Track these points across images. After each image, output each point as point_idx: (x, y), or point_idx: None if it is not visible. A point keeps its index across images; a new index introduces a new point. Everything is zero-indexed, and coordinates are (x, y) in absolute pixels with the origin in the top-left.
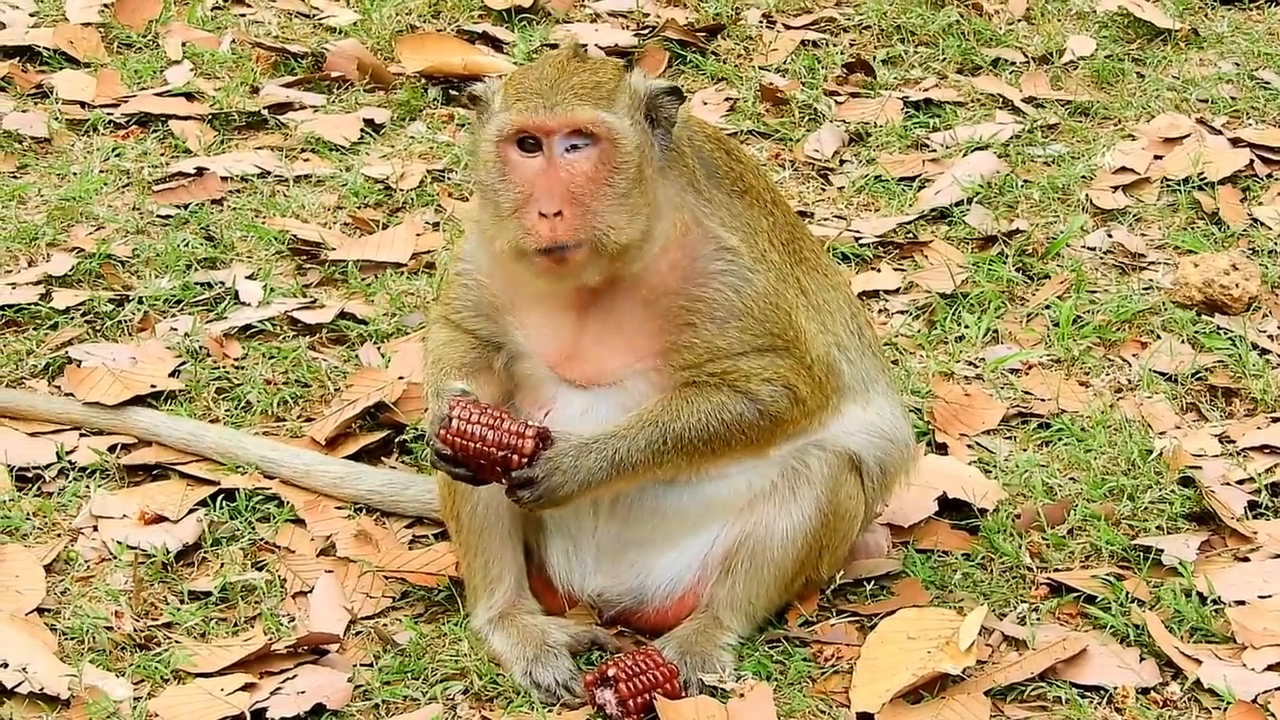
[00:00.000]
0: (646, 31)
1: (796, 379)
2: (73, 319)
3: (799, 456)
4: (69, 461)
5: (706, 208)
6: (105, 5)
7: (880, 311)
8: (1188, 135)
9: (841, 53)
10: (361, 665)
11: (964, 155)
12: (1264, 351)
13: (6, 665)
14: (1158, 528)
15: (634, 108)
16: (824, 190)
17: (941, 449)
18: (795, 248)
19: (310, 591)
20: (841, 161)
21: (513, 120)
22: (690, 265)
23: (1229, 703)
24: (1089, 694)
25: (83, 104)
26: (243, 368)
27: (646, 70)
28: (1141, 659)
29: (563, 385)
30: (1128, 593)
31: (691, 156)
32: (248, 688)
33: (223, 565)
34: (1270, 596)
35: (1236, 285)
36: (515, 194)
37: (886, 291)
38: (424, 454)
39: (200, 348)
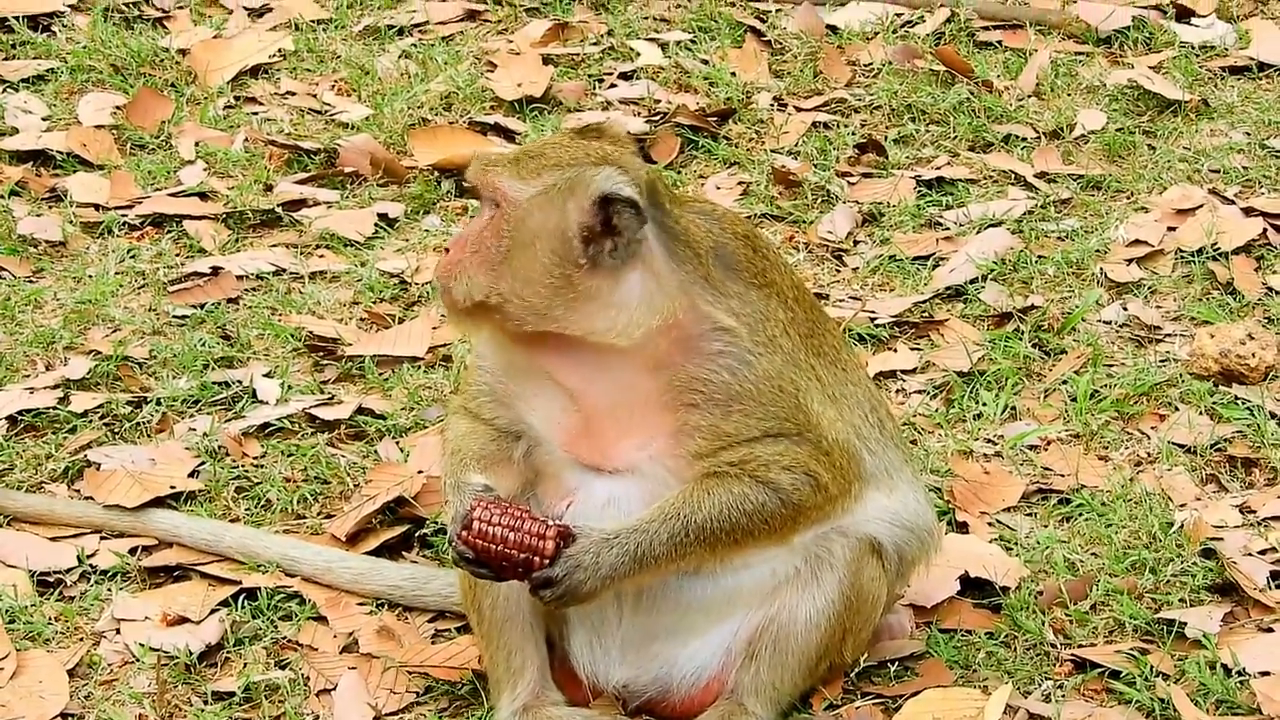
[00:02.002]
0: (658, 118)
1: (817, 465)
2: (91, 422)
3: (821, 542)
4: (90, 565)
5: (712, 295)
6: (118, 107)
7: (898, 391)
8: (1200, 206)
9: (853, 133)
10: None
11: (977, 232)
12: None
13: None
14: (1180, 600)
15: (564, 195)
16: (839, 271)
17: (962, 527)
18: (815, 342)
19: (334, 689)
20: (855, 242)
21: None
22: (689, 343)
23: None
24: None
25: (97, 206)
26: (262, 466)
27: (653, 159)
28: None
29: (583, 473)
30: (1152, 667)
31: (709, 255)
32: None
33: (246, 665)
34: None
35: (1253, 355)
36: None
37: (903, 371)
38: (444, 549)
39: (219, 447)
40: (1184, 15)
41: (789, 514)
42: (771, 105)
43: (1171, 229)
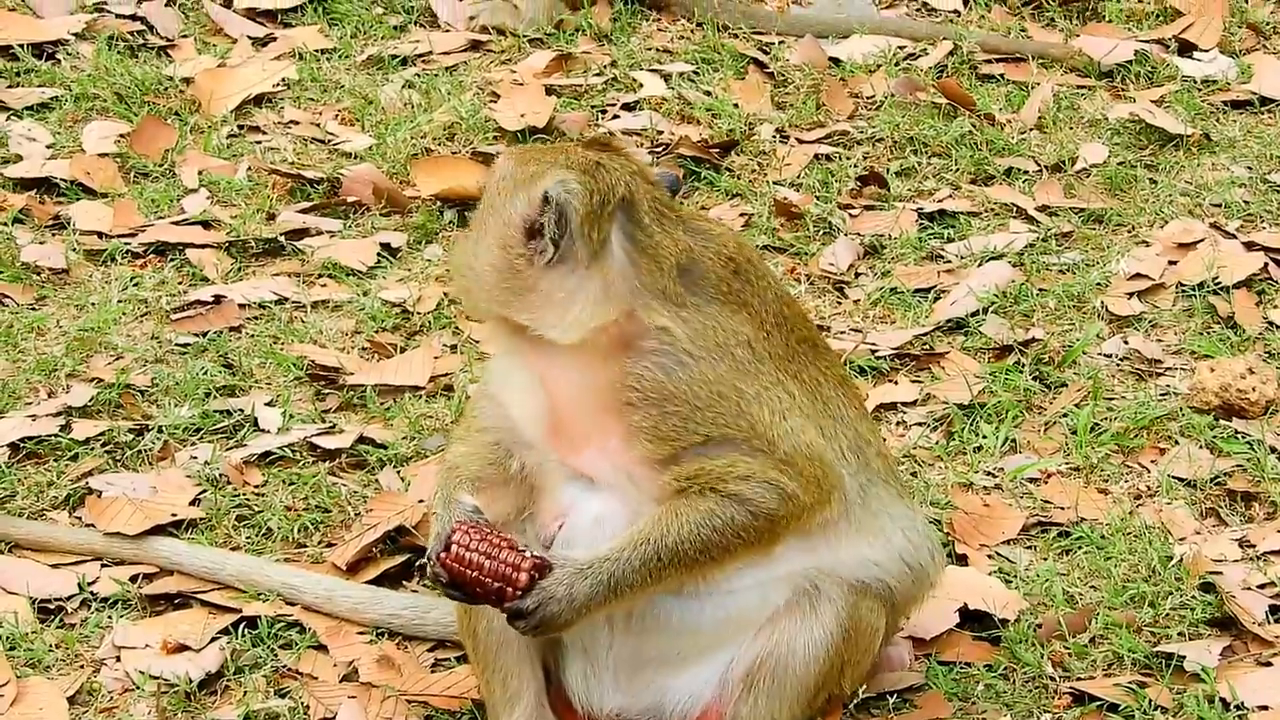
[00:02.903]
0: (661, 149)
1: (778, 474)
2: (93, 449)
3: (815, 577)
4: (91, 592)
5: (659, 304)
6: (121, 135)
7: (898, 423)
8: (1202, 240)
9: (855, 166)
10: None
11: (979, 265)
12: None
13: None
14: (1180, 634)
15: (523, 187)
16: (840, 304)
17: (962, 560)
18: (793, 367)
19: (334, 718)
20: (857, 274)
21: None
22: (627, 341)
23: None
24: None
25: (100, 234)
26: (263, 494)
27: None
28: None
29: (574, 490)
30: (1151, 700)
31: (673, 268)
32: None
33: (246, 693)
34: None
35: (1254, 389)
36: None
37: (904, 404)
38: (428, 564)
39: (220, 475)
40: (1186, 49)
41: (762, 525)
42: (774, 137)
43: (1173, 263)
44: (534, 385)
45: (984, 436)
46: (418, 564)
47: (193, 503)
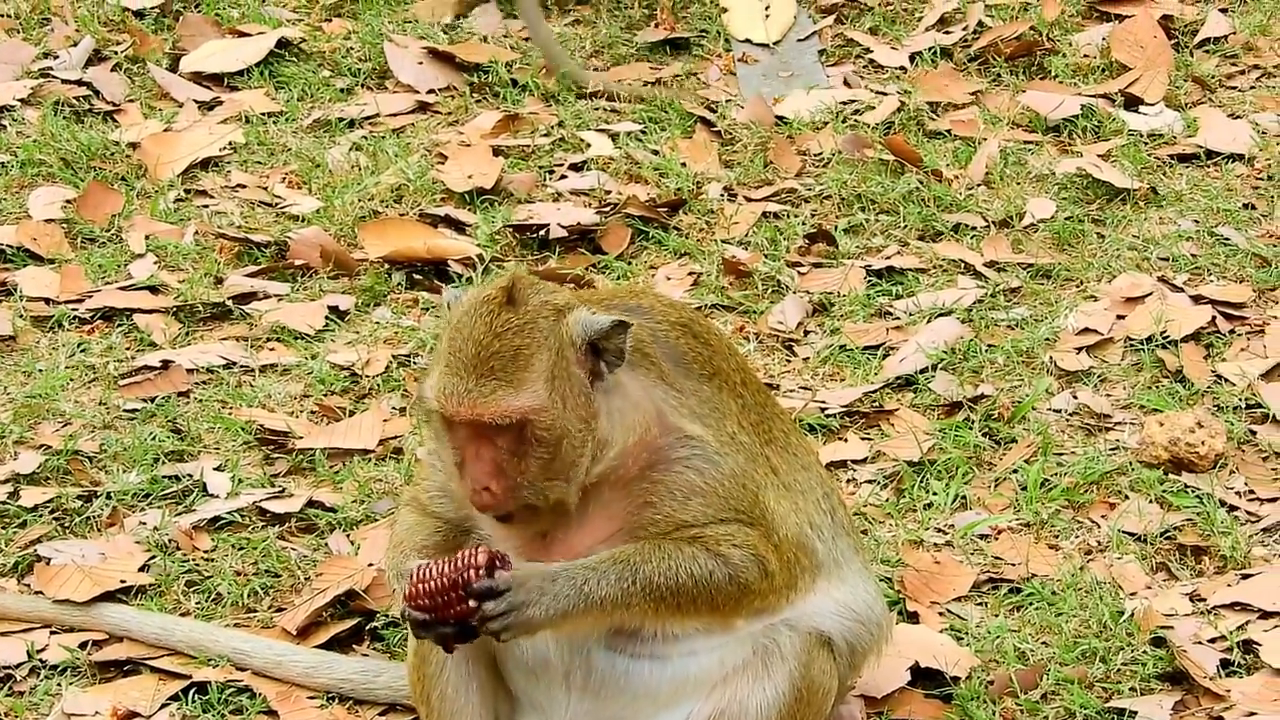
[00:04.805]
0: (609, 209)
1: (766, 551)
2: (41, 516)
3: (770, 634)
4: (40, 660)
5: (675, 399)
6: (68, 201)
7: (849, 481)
8: (1149, 294)
9: (803, 223)
10: None
11: (927, 322)
12: (1232, 508)
13: None
14: (1131, 689)
15: (559, 361)
16: (789, 361)
17: (913, 617)
18: (765, 428)
19: None
20: (806, 332)
21: (433, 400)
22: (653, 458)
23: None
24: None
25: (47, 300)
26: (212, 560)
27: (604, 250)
28: None
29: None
30: None
31: (657, 352)
32: None
33: None
34: None
35: (1202, 443)
36: (452, 458)
37: (854, 461)
38: (395, 643)
39: (169, 541)
40: (1132, 104)
41: (733, 591)
42: (722, 195)
43: (1121, 317)
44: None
45: (934, 493)
46: (369, 627)
47: (142, 568)
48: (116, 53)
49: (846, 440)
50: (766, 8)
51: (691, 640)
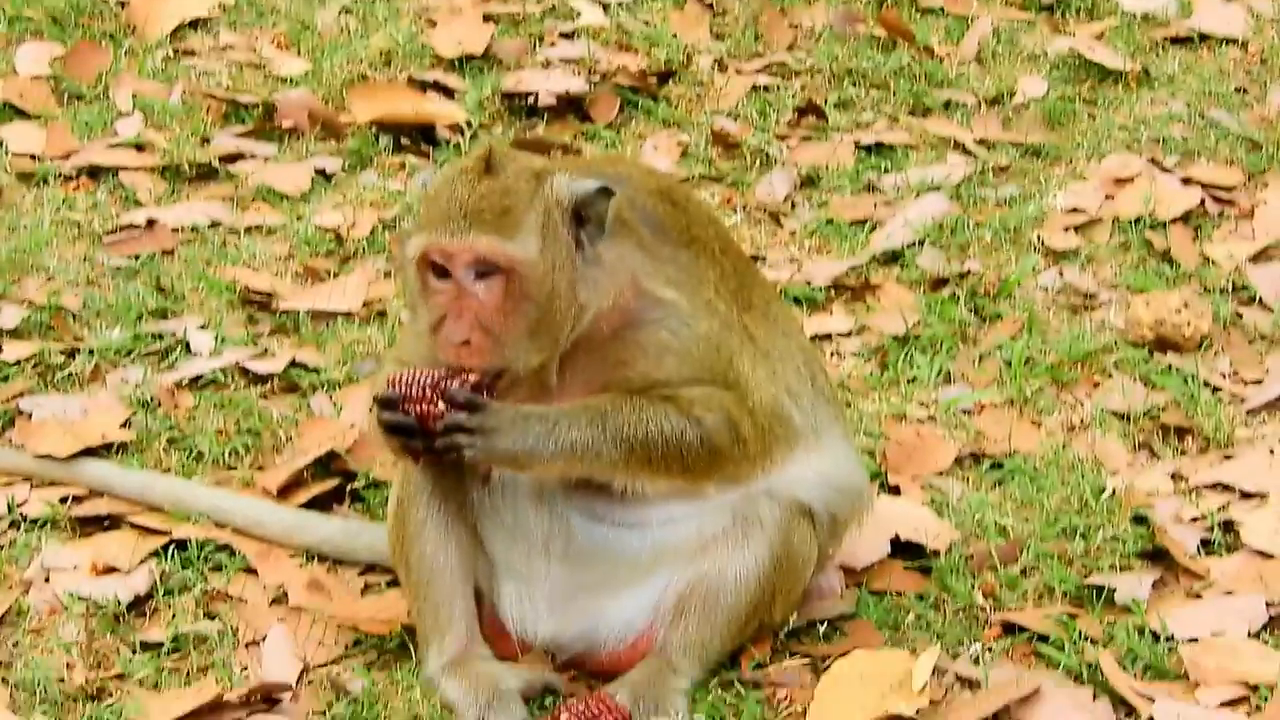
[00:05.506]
0: (598, 78)
1: (740, 416)
2: (23, 371)
3: (750, 503)
4: (20, 514)
5: (651, 265)
6: (55, 58)
7: (832, 354)
8: (1139, 175)
9: (793, 97)
10: (314, 714)
11: (915, 197)
12: (1215, 389)
13: None
14: (1111, 566)
15: (548, 223)
16: (776, 234)
17: (894, 490)
18: (744, 295)
19: (263, 641)
20: (793, 205)
21: (421, 245)
22: (626, 319)
23: None
24: None
25: (33, 156)
26: (194, 418)
27: (592, 118)
28: (1095, 698)
29: None
30: (1081, 632)
31: (635, 219)
32: None
33: (175, 615)
34: (1223, 634)
35: (1188, 324)
36: (432, 313)
37: (839, 334)
38: (377, 503)
39: (151, 398)
40: None
41: (704, 454)
42: (712, 67)
43: (1109, 197)
44: None
45: (918, 368)
46: (349, 488)
47: (123, 425)
48: None
49: (831, 313)
50: None
51: (669, 507)
